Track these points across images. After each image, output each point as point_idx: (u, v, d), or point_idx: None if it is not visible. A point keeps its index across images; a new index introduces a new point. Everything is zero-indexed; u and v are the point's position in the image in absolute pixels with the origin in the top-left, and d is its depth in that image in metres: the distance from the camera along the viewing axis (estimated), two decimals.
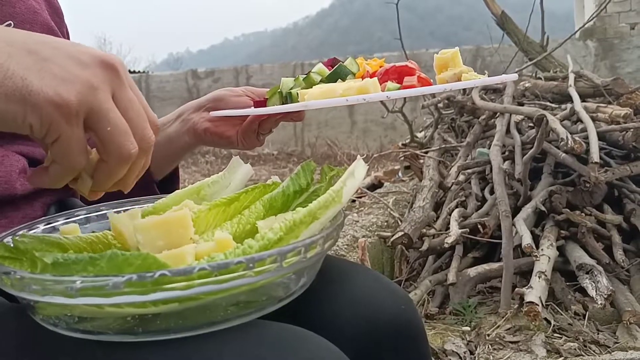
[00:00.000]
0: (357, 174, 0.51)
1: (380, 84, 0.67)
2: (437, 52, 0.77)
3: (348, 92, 0.61)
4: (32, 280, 0.39)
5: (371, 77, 0.68)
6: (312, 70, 0.71)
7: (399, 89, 0.67)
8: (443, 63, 0.74)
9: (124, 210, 0.62)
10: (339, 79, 0.68)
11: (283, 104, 0.70)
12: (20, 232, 0.52)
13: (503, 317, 1.66)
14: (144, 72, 10.14)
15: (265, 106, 0.72)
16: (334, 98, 0.60)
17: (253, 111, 0.72)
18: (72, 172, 0.43)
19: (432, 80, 0.71)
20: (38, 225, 0.55)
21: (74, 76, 0.39)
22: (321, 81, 0.69)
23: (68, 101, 0.39)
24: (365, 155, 5.61)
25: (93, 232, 0.57)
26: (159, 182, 0.87)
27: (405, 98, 3.43)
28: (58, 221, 0.57)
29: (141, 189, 0.80)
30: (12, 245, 0.46)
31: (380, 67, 0.72)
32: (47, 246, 0.47)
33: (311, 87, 0.67)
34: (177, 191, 0.62)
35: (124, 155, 0.43)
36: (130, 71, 9.11)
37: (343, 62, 0.70)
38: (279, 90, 0.72)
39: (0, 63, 0.38)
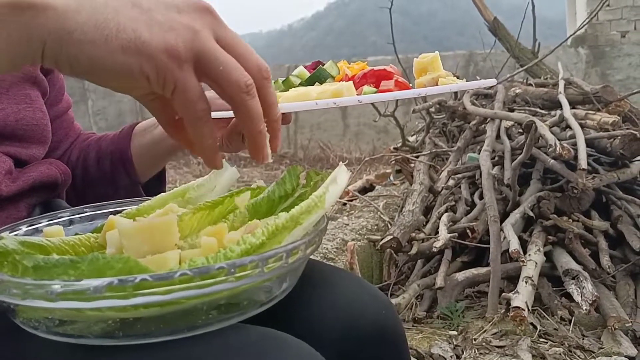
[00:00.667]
0: (339, 179, 0.52)
1: (357, 88, 0.66)
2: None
3: (323, 95, 0.60)
4: (13, 284, 0.39)
5: (350, 80, 0.68)
6: (292, 73, 0.70)
7: (375, 92, 0.66)
8: (422, 67, 0.74)
9: (112, 212, 0.62)
10: (318, 82, 0.68)
11: None
12: (3, 234, 0.52)
13: (490, 322, 1.67)
14: None
15: None
16: (305, 102, 0.59)
17: (229, 114, 0.70)
18: (202, 120, 0.43)
19: (410, 85, 0.70)
20: (21, 227, 0.55)
21: (176, 23, 0.40)
22: (300, 84, 0.68)
23: (176, 47, 0.40)
24: (357, 159, 5.61)
25: (77, 234, 0.57)
26: (145, 184, 0.86)
27: (397, 102, 3.44)
28: (41, 223, 0.57)
29: (126, 191, 0.80)
30: None
31: (362, 70, 0.72)
32: (29, 249, 0.47)
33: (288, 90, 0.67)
34: (162, 194, 0.62)
35: (242, 89, 0.43)
36: None
37: (321, 66, 0.70)
38: None
39: (111, 18, 0.39)
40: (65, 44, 0.38)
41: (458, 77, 0.74)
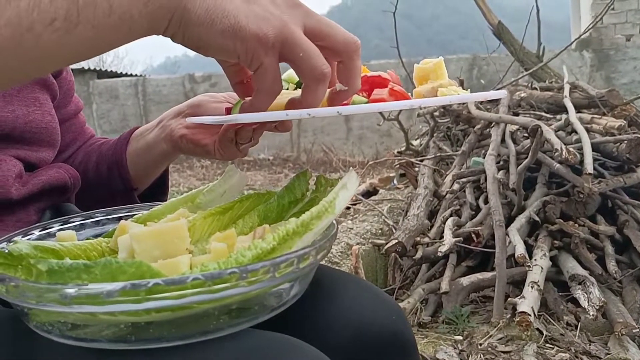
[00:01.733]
0: (349, 185, 0.52)
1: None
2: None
3: (276, 107, 0.55)
4: (27, 288, 0.39)
5: None
6: (282, 77, 0.67)
7: (366, 102, 0.60)
8: (424, 74, 0.67)
9: (123, 217, 0.62)
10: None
11: None
12: (16, 238, 0.53)
13: (495, 327, 1.67)
14: (140, 75, 10.13)
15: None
16: (274, 112, 0.54)
17: (218, 119, 0.61)
18: (271, 95, 0.51)
19: (408, 94, 0.63)
20: (33, 231, 0.55)
21: (270, 14, 0.47)
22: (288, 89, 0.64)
23: (267, 34, 0.46)
24: (360, 162, 5.61)
25: (88, 238, 0.57)
26: (147, 191, 0.86)
27: (388, 111, 3.44)
28: (53, 227, 0.57)
29: (122, 197, 0.80)
30: (7, 251, 0.46)
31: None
32: (42, 253, 0.47)
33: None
34: (172, 199, 0.63)
35: (318, 75, 0.49)
36: (126, 74, 9.11)
37: None
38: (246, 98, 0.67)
39: (219, 4, 0.45)
40: (183, 24, 0.45)
41: (462, 82, 0.66)
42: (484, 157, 2.27)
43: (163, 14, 0.45)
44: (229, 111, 0.68)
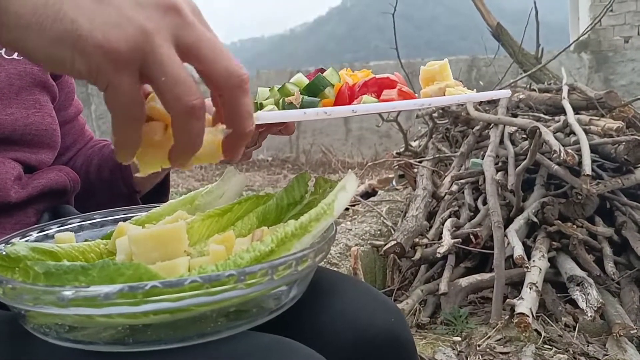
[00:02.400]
0: (348, 187, 0.52)
1: (358, 97, 0.63)
2: (433, 60, 0.72)
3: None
4: (24, 290, 0.39)
5: (350, 89, 0.65)
6: (290, 81, 0.67)
7: (376, 102, 0.62)
8: (429, 76, 0.69)
9: (121, 219, 0.62)
10: (317, 91, 0.64)
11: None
12: (14, 240, 0.53)
13: (494, 328, 1.67)
14: None
15: None
16: (293, 110, 0.56)
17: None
18: (128, 122, 0.38)
19: (415, 94, 0.66)
20: (31, 233, 0.55)
21: (127, 19, 0.36)
22: (300, 92, 0.65)
23: (117, 48, 0.35)
24: (359, 163, 5.61)
25: (86, 240, 0.57)
26: (149, 193, 0.86)
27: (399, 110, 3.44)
28: (51, 229, 0.57)
29: (125, 200, 0.80)
30: (4, 253, 0.46)
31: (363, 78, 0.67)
32: (40, 255, 0.47)
33: (286, 97, 0.63)
34: (171, 200, 0.63)
35: (183, 108, 0.38)
36: None
37: (322, 74, 0.66)
38: (255, 100, 0.68)
39: (53, 3, 0.35)
40: (4, 28, 0.35)
41: (462, 83, 0.69)
42: (482, 159, 2.28)
43: None
44: None
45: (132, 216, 0.62)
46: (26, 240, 0.54)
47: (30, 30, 0.35)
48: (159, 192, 0.87)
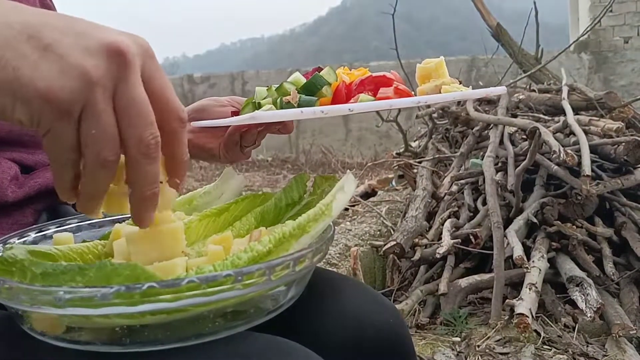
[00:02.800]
0: (346, 188, 0.52)
1: (354, 95, 0.63)
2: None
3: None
4: (21, 290, 0.39)
5: (347, 87, 0.65)
6: (287, 80, 0.67)
7: (372, 101, 0.63)
8: (425, 74, 0.69)
9: (120, 219, 0.62)
10: (314, 90, 0.65)
11: None
12: (12, 240, 0.52)
13: (493, 328, 1.67)
14: None
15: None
16: (290, 110, 0.57)
17: (223, 122, 0.66)
18: (62, 169, 0.39)
19: (412, 92, 0.66)
20: (29, 233, 0.55)
21: (72, 68, 0.36)
22: (297, 91, 0.65)
23: (59, 97, 0.35)
24: (359, 164, 5.60)
25: (84, 240, 0.57)
26: None
27: (396, 108, 3.44)
28: (49, 229, 0.57)
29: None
30: (1, 254, 0.46)
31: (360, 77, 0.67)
32: (38, 258, 0.47)
33: (284, 96, 0.64)
34: None
35: (100, 161, 0.38)
36: None
37: (319, 72, 0.67)
38: (253, 100, 0.69)
39: None
40: None
41: (461, 84, 0.70)
42: (482, 159, 2.28)
43: None
44: (235, 114, 0.70)
45: (130, 216, 0.61)
46: (24, 241, 0.54)
47: None
48: None
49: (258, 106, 0.66)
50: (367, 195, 3.24)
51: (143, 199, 0.41)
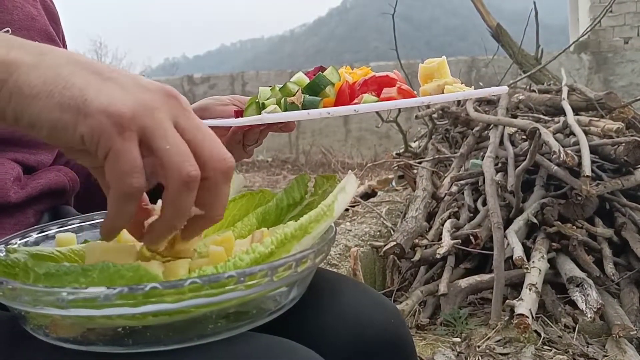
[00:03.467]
0: (348, 188, 0.52)
1: (359, 95, 0.64)
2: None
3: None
4: (24, 291, 0.39)
5: (351, 87, 0.65)
6: (291, 80, 0.68)
7: (377, 101, 0.63)
8: (428, 73, 0.70)
9: None
10: (317, 89, 0.65)
11: (259, 114, 0.65)
12: (14, 241, 0.53)
13: (493, 329, 1.67)
14: None
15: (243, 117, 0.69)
16: (296, 111, 0.58)
17: (230, 122, 0.67)
18: (126, 195, 0.38)
19: (415, 92, 0.66)
20: (31, 234, 0.55)
21: (132, 94, 0.38)
22: (301, 91, 0.65)
23: (121, 112, 0.37)
24: (359, 164, 5.61)
25: (86, 240, 0.57)
26: (148, 191, 0.86)
27: (399, 108, 3.45)
28: (51, 229, 0.57)
29: None
30: (4, 254, 0.46)
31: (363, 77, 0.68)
32: (40, 260, 0.47)
33: (288, 97, 0.64)
34: None
35: (184, 177, 0.38)
36: None
37: (322, 72, 0.67)
38: (256, 100, 0.69)
39: (64, 76, 0.38)
40: (14, 98, 0.37)
41: (459, 81, 0.70)
42: (482, 159, 2.28)
43: None
44: (237, 114, 0.71)
45: None
46: (26, 241, 0.54)
47: (38, 99, 0.37)
48: (157, 189, 0.87)
49: (262, 106, 0.66)
50: (367, 195, 3.24)
51: (212, 221, 0.43)
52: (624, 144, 1.99)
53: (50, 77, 0.37)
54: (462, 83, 0.69)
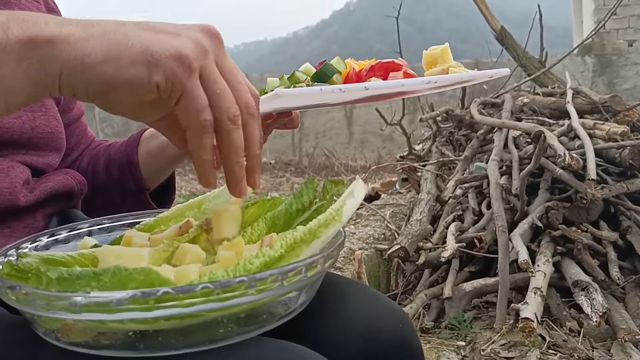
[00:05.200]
0: (356, 193, 0.52)
1: (366, 80, 0.65)
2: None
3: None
4: (37, 296, 0.40)
5: (357, 74, 0.66)
6: (299, 69, 0.69)
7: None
8: (432, 59, 0.71)
9: (130, 224, 0.62)
10: (325, 78, 0.66)
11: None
12: (24, 245, 0.53)
13: (498, 333, 1.66)
14: None
15: None
16: (309, 87, 0.59)
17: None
18: (199, 131, 0.43)
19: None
20: (41, 238, 0.56)
21: (188, 38, 0.42)
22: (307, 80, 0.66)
23: (189, 55, 0.41)
24: (362, 167, 5.60)
25: (96, 245, 0.57)
26: (155, 193, 0.86)
27: (403, 110, 3.45)
28: (61, 234, 0.58)
29: (134, 198, 0.80)
30: (16, 258, 0.47)
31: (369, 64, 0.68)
32: (52, 265, 0.48)
33: (296, 84, 0.65)
34: (178, 205, 0.63)
35: (231, 117, 0.43)
36: None
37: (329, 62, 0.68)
38: (265, 90, 0.69)
39: (122, 38, 0.41)
40: (79, 72, 0.40)
41: (464, 87, 0.70)
42: (486, 163, 2.28)
43: (48, 69, 0.40)
44: None
45: (140, 221, 0.62)
46: (36, 245, 0.54)
47: (108, 63, 0.40)
48: (166, 189, 0.88)
49: None
50: (371, 198, 3.24)
51: (254, 157, 0.48)
52: (629, 148, 1.99)
53: (112, 42, 0.40)
54: (463, 89, 0.70)
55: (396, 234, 2.29)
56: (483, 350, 1.60)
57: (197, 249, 0.50)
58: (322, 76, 0.66)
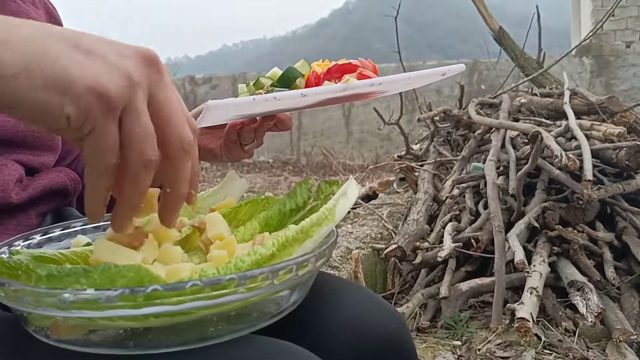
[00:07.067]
0: (349, 193, 0.52)
1: (321, 83, 0.65)
2: (434, 64, 0.72)
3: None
4: (26, 292, 0.39)
5: (317, 77, 0.66)
6: (265, 75, 0.69)
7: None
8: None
9: None
10: (288, 81, 0.66)
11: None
12: (17, 243, 0.53)
13: (494, 332, 1.67)
14: None
15: None
16: (240, 98, 0.59)
17: (239, 100, 0.65)
18: (103, 172, 0.39)
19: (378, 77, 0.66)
20: (34, 236, 0.56)
21: (115, 67, 0.37)
22: (272, 85, 0.66)
23: (109, 92, 0.36)
24: (360, 166, 5.60)
25: (89, 243, 0.57)
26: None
27: (401, 110, 3.45)
28: (54, 232, 0.58)
29: None
30: (7, 255, 0.46)
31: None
32: (42, 262, 0.48)
33: (260, 90, 0.66)
34: None
35: (143, 161, 0.39)
36: None
37: (293, 65, 0.68)
38: (244, 93, 0.70)
39: (41, 52, 0.36)
40: None
41: (463, 87, 0.69)
42: (484, 163, 2.28)
43: None
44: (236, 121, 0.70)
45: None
46: (29, 243, 0.54)
47: (19, 79, 0.35)
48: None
49: None
50: (369, 197, 3.24)
51: (180, 196, 0.43)
52: (625, 149, 1.99)
53: (28, 54, 0.35)
54: (460, 90, 0.68)
55: (393, 234, 2.29)
56: (479, 349, 1.60)
57: (177, 249, 0.49)
58: (286, 80, 0.66)
